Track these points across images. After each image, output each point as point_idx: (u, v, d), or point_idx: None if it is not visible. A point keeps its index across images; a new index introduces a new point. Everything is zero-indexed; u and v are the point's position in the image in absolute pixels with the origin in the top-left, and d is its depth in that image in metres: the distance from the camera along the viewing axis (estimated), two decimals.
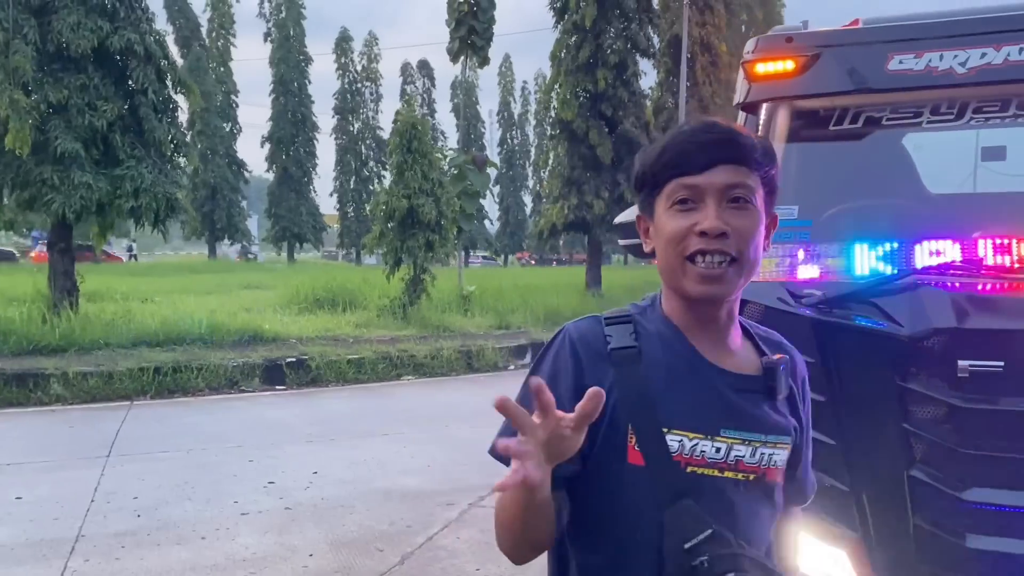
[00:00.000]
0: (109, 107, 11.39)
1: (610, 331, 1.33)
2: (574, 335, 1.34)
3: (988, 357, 2.19)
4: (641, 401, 1.26)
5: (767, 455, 1.32)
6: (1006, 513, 2.20)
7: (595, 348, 1.31)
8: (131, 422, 8.27)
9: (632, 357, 1.29)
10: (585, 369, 1.29)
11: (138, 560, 4.70)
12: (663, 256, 1.30)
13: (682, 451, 1.26)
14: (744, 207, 1.26)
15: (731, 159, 1.25)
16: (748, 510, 1.30)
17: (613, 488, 1.28)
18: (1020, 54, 2.44)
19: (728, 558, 1.20)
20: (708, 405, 1.29)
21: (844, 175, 2.90)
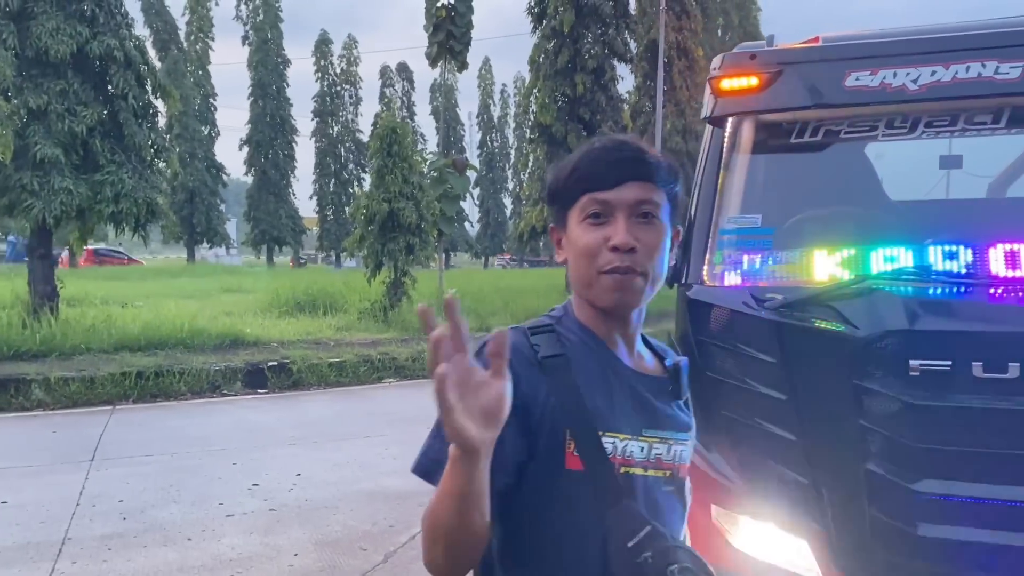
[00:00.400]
0: (89, 112, 11.41)
1: (536, 340, 1.35)
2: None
3: (937, 357, 2.34)
4: (576, 407, 1.29)
5: (679, 452, 1.40)
6: (955, 503, 2.35)
7: (525, 356, 1.32)
8: (114, 426, 8.31)
9: (562, 364, 1.32)
10: (519, 376, 1.24)
11: (125, 561, 4.77)
12: (576, 267, 1.36)
13: (615, 452, 1.30)
14: (651, 222, 1.33)
15: (639, 176, 1.33)
16: (668, 505, 1.38)
17: (552, 496, 1.28)
18: (967, 72, 2.60)
19: (668, 551, 1.26)
20: (631, 407, 1.35)
21: (806, 185, 3.05)
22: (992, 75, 2.58)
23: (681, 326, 2.80)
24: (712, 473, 2.72)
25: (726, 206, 2.87)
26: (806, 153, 2.94)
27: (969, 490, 2.35)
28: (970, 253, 2.52)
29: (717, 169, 2.90)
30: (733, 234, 2.83)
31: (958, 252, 2.52)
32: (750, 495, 2.63)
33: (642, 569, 1.24)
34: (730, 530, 2.70)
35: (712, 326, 2.70)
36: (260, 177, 50.10)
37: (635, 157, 1.34)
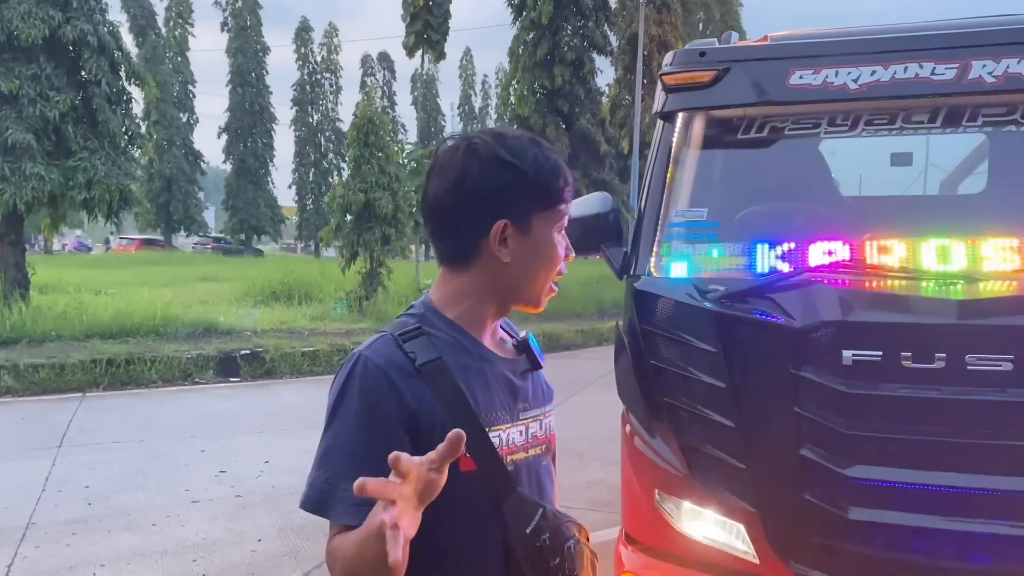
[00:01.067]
0: (61, 98, 11.36)
1: (410, 347, 1.31)
2: (375, 359, 1.29)
3: (868, 347, 2.42)
4: (463, 409, 1.28)
5: (548, 424, 1.47)
6: (884, 488, 2.44)
7: (401, 365, 1.29)
8: (83, 413, 8.31)
9: (441, 368, 1.29)
10: (399, 387, 1.27)
11: (89, 546, 4.81)
12: (535, 273, 1.38)
13: (501, 444, 1.33)
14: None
15: None
16: (547, 477, 1.45)
17: (448, 501, 1.21)
18: (905, 72, 2.68)
19: (561, 529, 1.32)
20: (507, 395, 1.38)
21: (752, 180, 3.13)
22: (929, 76, 2.66)
23: (628, 316, 2.87)
24: (655, 459, 2.80)
25: (674, 200, 2.94)
26: (753, 149, 3.01)
27: (898, 475, 2.44)
28: (905, 248, 2.60)
29: (666, 164, 2.96)
30: (680, 227, 2.90)
31: (894, 247, 2.61)
32: (691, 480, 2.71)
33: (542, 552, 1.29)
34: (672, 514, 2.78)
35: (657, 316, 2.77)
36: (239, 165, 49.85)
37: None
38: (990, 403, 2.33)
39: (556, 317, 15.11)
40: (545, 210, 1.36)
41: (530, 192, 1.35)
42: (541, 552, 1.30)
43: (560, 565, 1.31)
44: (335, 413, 1.29)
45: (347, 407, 1.28)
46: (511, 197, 1.33)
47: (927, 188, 4.12)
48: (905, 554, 2.44)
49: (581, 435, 6.82)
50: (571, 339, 14.29)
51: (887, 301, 2.53)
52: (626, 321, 2.91)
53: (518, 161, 1.34)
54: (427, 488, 1.07)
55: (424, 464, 1.05)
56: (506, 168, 1.33)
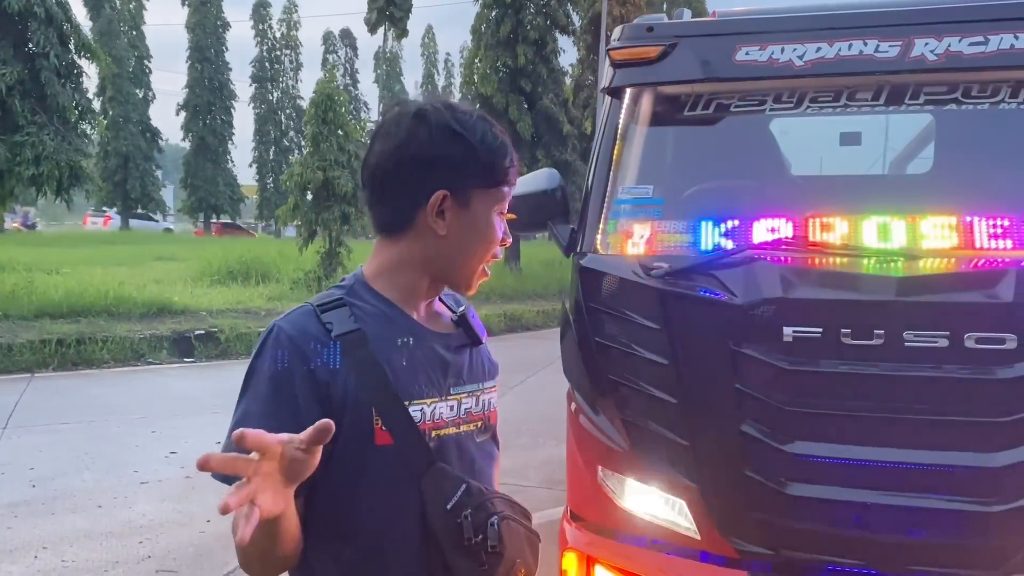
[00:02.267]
0: (7, 71, 11.04)
1: (328, 318, 1.29)
2: (289, 329, 1.29)
3: (809, 324, 2.43)
4: (379, 382, 1.27)
5: (487, 400, 1.45)
6: (823, 463, 2.46)
7: (315, 336, 1.28)
8: (31, 394, 8.14)
9: (359, 340, 1.28)
10: (310, 357, 1.26)
11: (31, 529, 4.71)
12: (469, 251, 1.36)
13: (423, 419, 1.31)
14: None
15: None
16: (483, 455, 1.43)
17: (363, 474, 1.27)
18: (850, 50, 2.68)
19: (485, 505, 1.30)
20: (436, 369, 1.35)
21: (699, 157, 3.12)
22: (872, 53, 2.66)
23: (573, 294, 2.85)
24: (599, 435, 2.80)
25: (620, 177, 2.92)
26: (700, 126, 2.99)
27: (837, 451, 2.46)
28: (846, 226, 2.61)
29: (613, 140, 2.94)
30: (626, 204, 2.88)
31: (835, 225, 2.62)
32: (635, 457, 2.71)
33: (462, 528, 1.27)
34: (616, 491, 2.78)
35: (602, 294, 2.76)
36: (198, 143, 48.99)
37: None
38: (927, 379, 2.36)
39: (517, 297, 15.09)
40: (487, 188, 1.34)
41: (473, 167, 1.32)
42: (461, 528, 1.27)
43: (482, 542, 1.28)
44: (247, 383, 1.30)
45: (258, 377, 1.28)
46: (454, 168, 1.31)
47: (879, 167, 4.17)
48: (844, 528, 2.47)
49: (537, 414, 6.80)
50: (532, 320, 14.30)
51: (828, 278, 2.54)
52: (572, 299, 2.89)
53: (467, 133, 1.31)
54: (294, 467, 1.07)
55: (289, 443, 1.05)
56: (454, 138, 1.30)
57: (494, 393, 1.48)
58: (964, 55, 2.59)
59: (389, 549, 1.30)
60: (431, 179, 1.31)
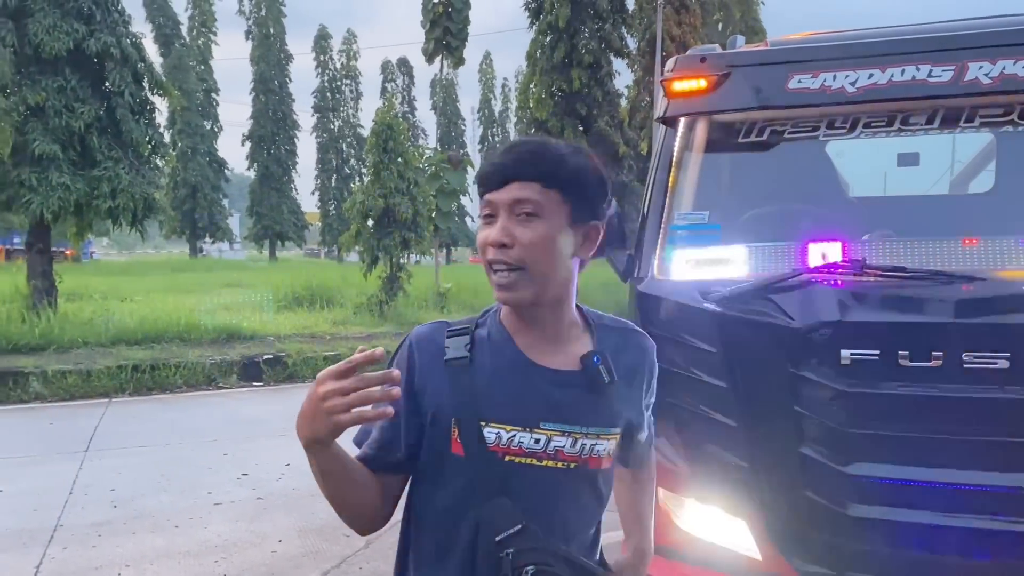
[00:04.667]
0: (86, 109, 11.56)
1: (448, 343, 1.45)
2: (414, 340, 1.48)
3: (867, 347, 2.47)
4: (464, 400, 1.40)
5: (589, 445, 1.43)
6: (883, 485, 2.48)
7: (432, 354, 1.45)
8: (109, 418, 8.47)
9: (463, 367, 1.42)
10: (417, 372, 1.44)
11: (114, 548, 4.92)
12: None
13: (499, 442, 1.38)
14: (529, 220, 1.37)
15: (522, 176, 1.38)
16: (569, 495, 1.44)
17: (439, 476, 1.43)
18: (902, 75, 2.72)
19: (531, 552, 1.34)
20: (528, 400, 1.41)
21: (753, 183, 3.18)
22: (925, 78, 2.69)
23: (631, 318, 2.92)
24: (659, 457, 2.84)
25: (676, 203, 2.99)
26: (753, 152, 3.06)
27: (897, 472, 2.48)
28: (902, 247, 2.64)
29: (668, 168, 3.02)
30: (682, 230, 2.95)
31: (891, 246, 2.65)
32: (694, 478, 2.76)
33: (500, 564, 1.34)
34: (676, 512, 2.83)
35: (660, 318, 2.83)
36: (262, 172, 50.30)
37: (519, 158, 1.40)
38: (987, 400, 2.37)
39: None
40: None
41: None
42: (500, 564, 1.35)
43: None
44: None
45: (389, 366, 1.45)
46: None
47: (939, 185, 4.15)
48: (905, 549, 2.48)
49: None
50: None
51: (885, 301, 2.57)
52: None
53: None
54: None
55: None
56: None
57: (602, 441, 1.45)
58: (1019, 77, 2.61)
59: (450, 555, 1.42)
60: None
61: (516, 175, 1.38)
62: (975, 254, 2.60)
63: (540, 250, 1.38)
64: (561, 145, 1.45)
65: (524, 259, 1.37)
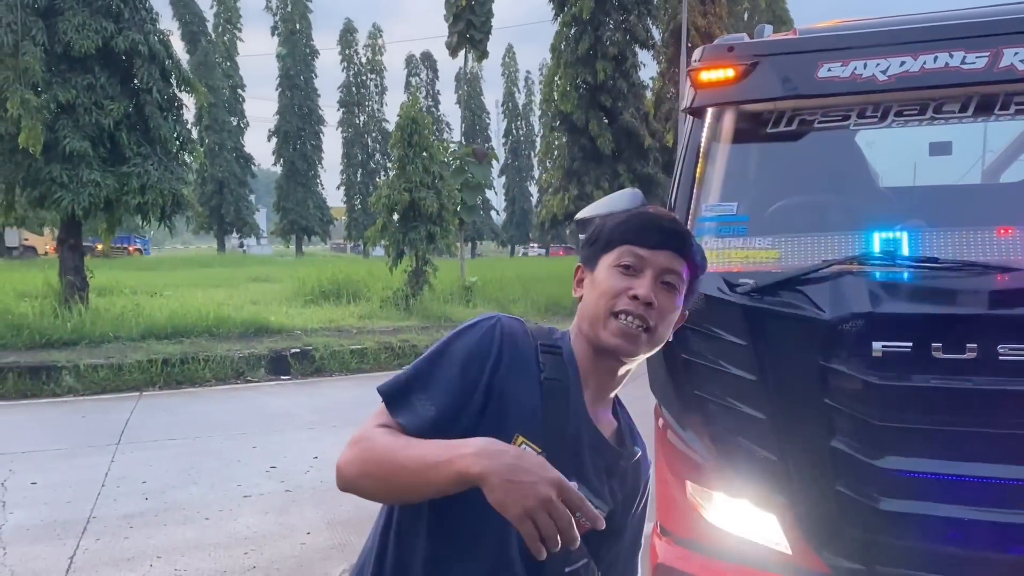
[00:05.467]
0: (115, 106, 11.68)
1: (544, 360, 1.43)
2: (504, 334, 1.42)
3: (899, 339, 2.43)
4: (533, 420, 1.37)
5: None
6: (915, 478, 2.45)
7: (517, 359, 1.41)
8: (140, 412, 8.58)
9: (560, 390, 1.41)
10: (502, 368, 1.38)
11: (146, 539, 4.99)
12: (593, 305, 1.44)
13: None
14: (672, 291, 1.43)
15: (677, 249, 1.44)
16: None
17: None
18: (935, 63, 2.67)
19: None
20: (568, 447, 1.40)
21: (782, 173, 3.13)
22: (959, 65, 2.64)
23: None
24: (687, 450, 2.84)
25: (704, 194, 2.96)
26: (782, 142, 3.01)
27: (929, 466, 2.44)
28: (935, 237, 2.59)
29: (696, 159, 2.99)
30: (710, 221, 2.92)
31: (924, 237, 2.60)
32: (723, 472, 2.74)
33: None
34: (704, 505, 2.81)
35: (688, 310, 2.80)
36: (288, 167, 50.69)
37: (679, 232, 1.47)
38: (1022, 393, 2.32)
39: None
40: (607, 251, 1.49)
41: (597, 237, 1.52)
42: None
43: None
44: (452, 342, 1.42)
45: (462, 346, 1.40)
46: (589, 245, 1.54)
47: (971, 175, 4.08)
48: (938, 544, 2.44)
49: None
50: None
51: (917, 292, 2.53)
52: None
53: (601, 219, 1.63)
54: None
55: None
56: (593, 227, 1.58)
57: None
58: None
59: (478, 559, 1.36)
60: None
61: (672, 245, 1.44)
62: (1010, 244, 2.54)
63: (668, 323, 1.44)
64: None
65: (657, 325, 1.41)
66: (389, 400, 1.37)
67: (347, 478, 1.32)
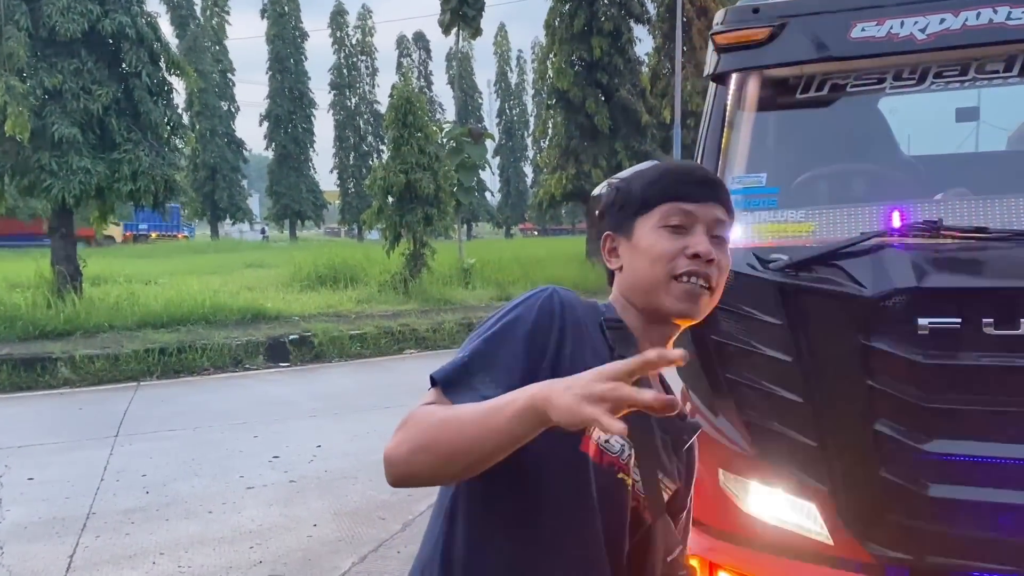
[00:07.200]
0: (103, 91, 11.45)
1: (612, 336, 1.33)
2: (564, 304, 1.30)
3: (946, 314, 2.27)
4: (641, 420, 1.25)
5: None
6: (965, 463, 2.30)
7: (586, 329, 1.31)
8: (138, 402, 8.43)
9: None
10: (568, 340, 1.27)
11: (148, 535, 4.84)
12: (644, 272, 1.32)
13: (620, 455, 1.29)
14: (723, 245, 1.34)
15: (721, 200, 1.35)
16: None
17: (561, 470, 1.24)
18: (978, 19, 2.50)
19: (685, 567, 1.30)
20: (645, 427, 1.32)
21: (813, 141, 2.97)
22: (1004, 21, 2.47)
23: None
24: (719, 437, 2.69)
25: (730, 165, 2.79)
26: (812, 109, 2.84)
27: (981, 449, 2.29)
28: (980, 206, 2.43)
29: (721, 128, 2.82)
30: (738, 194, 2.75)
31: (967, 206, 2.44)
32: (758, 459, 2.59)
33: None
34: (739, 495, 2.66)
35: None
36: (280, 152, 50.29)
37: (718, 181, 1.39)
38: None
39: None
40: (644, 212, 1.38)
41: (625, 199, 1.41)
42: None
43: None
44: (508, 317, 1.28)
45: (521, 321, 1.27)
46: (614, 209, 1.44)
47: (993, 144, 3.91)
48: (991, 532, 2.30)
49: None
50: None
51: (965, 264, 2.37)
52: None
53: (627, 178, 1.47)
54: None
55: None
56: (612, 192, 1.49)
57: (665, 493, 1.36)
58: None
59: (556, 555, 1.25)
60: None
61: (717, 196, 1.35)
62: None
63: (724, 277, 1.34)
64: None
65: (717, 281, 1.32)
66: (447, 385, 1.22)
67: (397, 461, 1.20)
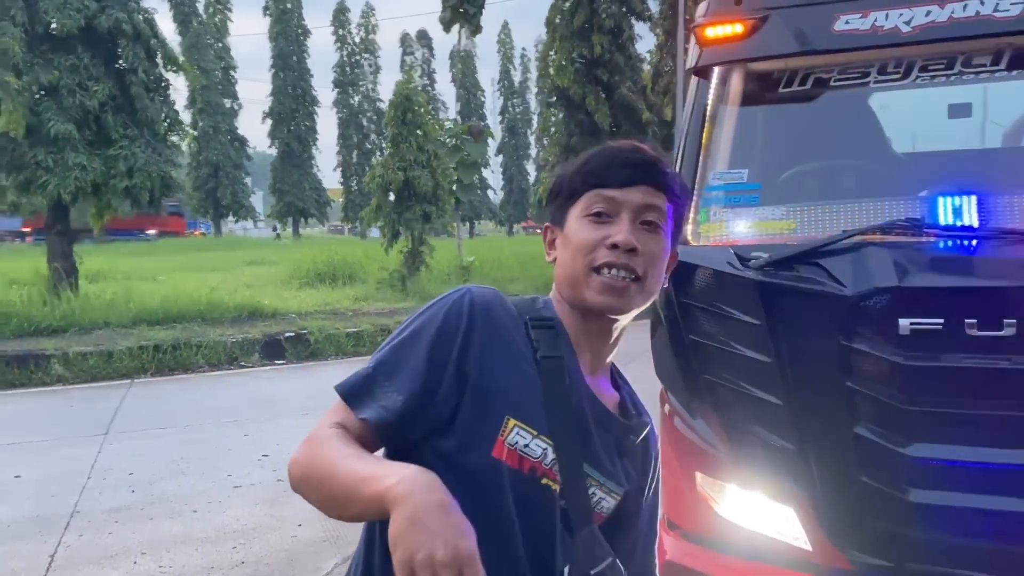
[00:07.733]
0: (100, 87, 11.40)
1: (537, 336, 1.27)
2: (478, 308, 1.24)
3: (928, 315, 2.20)
4: (530, 403, 1.22)
5: (598, 497, 1.28)
6: (947, 467, 2.24)
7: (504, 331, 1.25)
8: (130, 400, 8.38)
9: (559, 368, 1.25)
10: (476, 343, 1.21)
11: (130, 534, 4.79)
12: (569, 265, 1.28)
13: (543, 460, 1.22)
14: (655, 231, 1.27)
15: (651, 182, 1.27)
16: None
17: (472, 479, 1.18)
18: (964, 11, 2.43)
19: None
20: (576, 429, 1.26)
21: (795, 137, 2.91)
22: (991, 13, 2.40)
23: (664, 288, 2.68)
24: (696, 439, 2.63)
25: (711, 162, 2.73)
26: (796, 104, 2.78)
27: (963, 454, 2.23)
28: (965, 204, 2.37)
29: (702, 123, 2.76)
30: (718, 191, 2.70)
31: (953, 204, 2.38)
32: (735, 462, 2.53)
33: None
34: (716, 499, 2.60)
35: (695, 287, 2.58)
36: (283, 149, 50.27)
37: (649, 162, 1.28)
38: None
39: None
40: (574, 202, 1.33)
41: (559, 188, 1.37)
42: None
43: None
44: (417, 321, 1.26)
45: (428, 323, 1.23)
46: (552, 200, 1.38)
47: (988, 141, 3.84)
48: (974, 538, 2.24)
49: None
50: None
51: (948, 263, 2.31)
52: (663, 294, 2.71)
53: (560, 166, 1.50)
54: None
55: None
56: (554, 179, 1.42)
57: (609, 498, 1.30)
58: None
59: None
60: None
61: (645, 178, 1.27)
62: None
63: (658, 266, 1.29)
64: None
65: (646, 271, 1.26)
66: (349, 398, 1.21)
67: (293, 479, 1.20)
